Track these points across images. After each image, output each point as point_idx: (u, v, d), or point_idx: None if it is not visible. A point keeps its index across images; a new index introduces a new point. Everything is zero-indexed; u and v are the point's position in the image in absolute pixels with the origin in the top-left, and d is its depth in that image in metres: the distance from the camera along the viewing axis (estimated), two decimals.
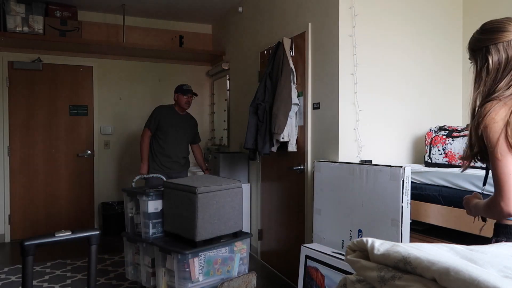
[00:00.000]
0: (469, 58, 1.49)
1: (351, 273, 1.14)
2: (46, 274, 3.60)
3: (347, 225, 2.53)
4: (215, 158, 4.28)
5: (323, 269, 2.48)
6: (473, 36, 1.46)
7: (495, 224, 1.45)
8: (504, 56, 1.35)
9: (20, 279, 3.45)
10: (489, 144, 1.31)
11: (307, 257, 2.61)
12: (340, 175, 2.60)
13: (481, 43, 1.41)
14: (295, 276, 2.74)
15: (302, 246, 2.67)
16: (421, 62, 2.99)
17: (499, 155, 1.28)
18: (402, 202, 2.18)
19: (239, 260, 2.79)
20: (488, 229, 1.52)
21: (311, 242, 2.77)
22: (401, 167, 2.18)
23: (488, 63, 1.38)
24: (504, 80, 1.35)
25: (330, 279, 2.40)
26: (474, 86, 1.43)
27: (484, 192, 2.00)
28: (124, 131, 5.21)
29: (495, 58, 1.37)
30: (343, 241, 2.56)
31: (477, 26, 1.47)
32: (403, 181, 2.18)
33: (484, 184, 1.64)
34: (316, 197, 2.77)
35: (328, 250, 2.54)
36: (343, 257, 2.33)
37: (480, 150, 1.37)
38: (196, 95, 4.09)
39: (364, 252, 1.12)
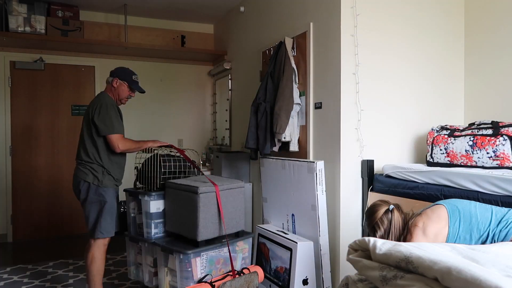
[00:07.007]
0: None
1: (289, 248, 1.15)
2: (48, 274, 3.61)
3: (284, 210, 3.07)
4: (217, 158, 4.28)
5: (269, 244, 2.98)
6: None
7: None
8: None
9: (23, 279, 3.48)
10: None
11: (259, 235, 3.14)
12: (276, 169, 3.10)
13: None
14: None
15: (256, 226, 3.22)
16: (423, 61, 2.99)
17: None
18: (317, 191, 2.69)
19: (241, 260, 2.79)
20: None
21: None
22: (314, 162, 2.69)
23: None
24: None
25: (273, 251, 2.91)
26: None
27: (485, 192, 2.00)
28: (125, 132, 5.19)
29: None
30: (283, 223, 3.10)
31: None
32: (316, 173, 2.68)
33: None
34: (263, 187, 3.32)
35: (274, 229, 3.08)
36: (282, 234, 2.87)
37: None
38: (143, 92, 3.07)
39: (366, 252, 1.12)
